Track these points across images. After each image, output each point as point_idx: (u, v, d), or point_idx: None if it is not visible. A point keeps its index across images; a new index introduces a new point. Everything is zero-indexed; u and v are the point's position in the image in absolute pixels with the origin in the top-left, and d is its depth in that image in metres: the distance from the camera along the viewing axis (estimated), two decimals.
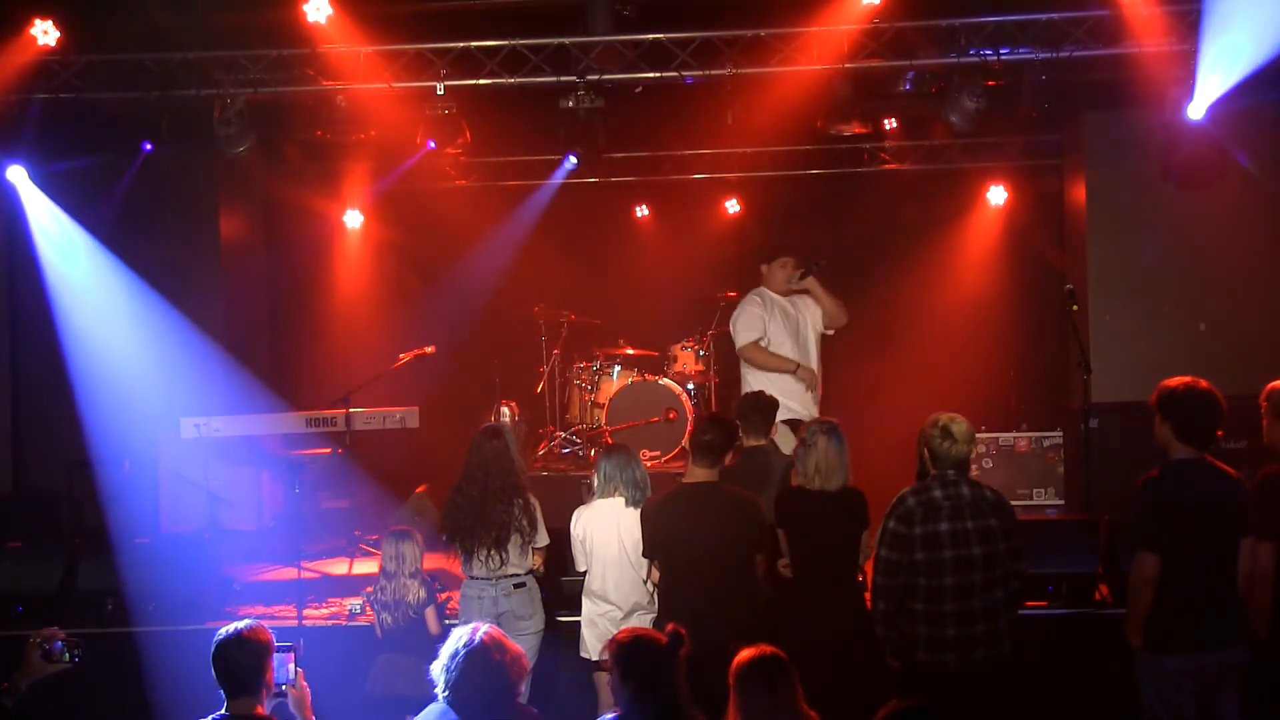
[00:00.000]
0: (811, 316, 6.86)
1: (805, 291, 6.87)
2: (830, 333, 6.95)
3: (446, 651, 3.62)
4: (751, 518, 4.85)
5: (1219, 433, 4.43)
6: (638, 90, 7.79)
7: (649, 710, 3.54)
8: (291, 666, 3.94)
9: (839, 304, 6.86)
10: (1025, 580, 4.59)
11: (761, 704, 3.51)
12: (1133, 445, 5.32)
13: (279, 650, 3.86)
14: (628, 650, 3.62)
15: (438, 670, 3.61)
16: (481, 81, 7.53)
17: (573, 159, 7.91)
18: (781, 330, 6.79)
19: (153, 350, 7.73)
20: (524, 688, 5.15)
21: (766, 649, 3.61)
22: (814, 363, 6.84)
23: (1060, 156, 9.73)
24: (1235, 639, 4.34)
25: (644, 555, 4.98)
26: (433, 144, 7.86)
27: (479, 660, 3.55)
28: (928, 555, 4.38)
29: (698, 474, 4.92)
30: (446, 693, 3.58)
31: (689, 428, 8.87)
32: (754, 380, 6.69)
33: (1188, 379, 4.44)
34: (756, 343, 6.74)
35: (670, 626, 3.73)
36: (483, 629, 3.65)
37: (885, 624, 4.52)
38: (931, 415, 4.56)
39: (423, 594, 5.26)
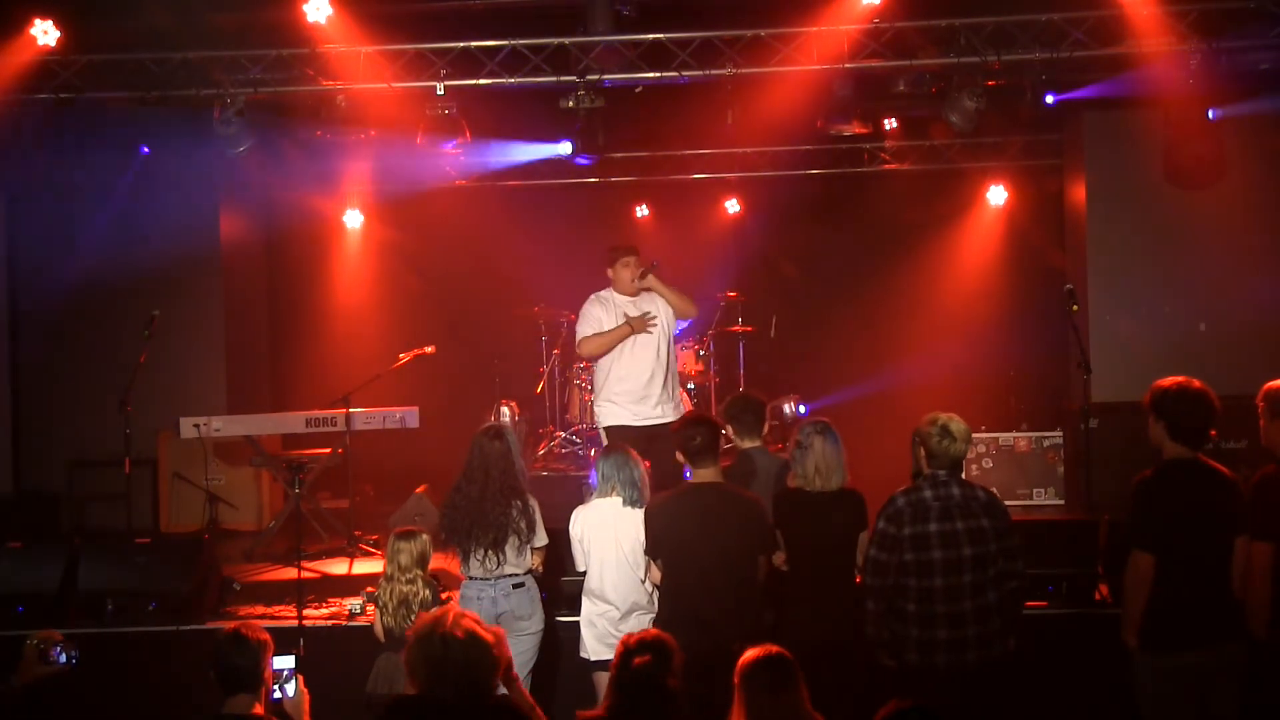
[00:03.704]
0: (663, 315, 6.75)
1: (649, 289, 6.74)
2: (685, 323, 6.92)
3: None
4: (755, 518, 4.85)
5: (1212, 432, 4.43)
6: (638, 90, 7.79)
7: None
8: (291, 685, 3.94)
9: (683, 296, 6.74)
10: (1025, 580, 4.58)
11: (767, 704, 3.50)
12: (1133, 445, 5.31)
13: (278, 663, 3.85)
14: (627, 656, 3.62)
15: None
16: (481, 81, 7.52)
17: (568, 146, 7.88)
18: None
19: (153, 350, 7.71)
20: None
21: (772, 649, 3.60)
22: (660, 359, 6.70)
23: (1060, 156, 9.74)
24: (1231, 637, 4.34)
25: (647, 554, 4.98)
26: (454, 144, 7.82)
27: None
28: (917, 556, 4.38)
29: (701, 475, 4.91)
30: None
31: None
32: (600, 397, 6.74)
33: (1180, 379, 4.44)
34: (590, 336, 6.67)
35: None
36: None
37: (876, 624, 4.51)
38: (928, 414, 4.55)
39: (427, 595, 5.24)
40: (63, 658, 4.22)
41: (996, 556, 4.43)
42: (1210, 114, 7.32)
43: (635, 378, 6.66)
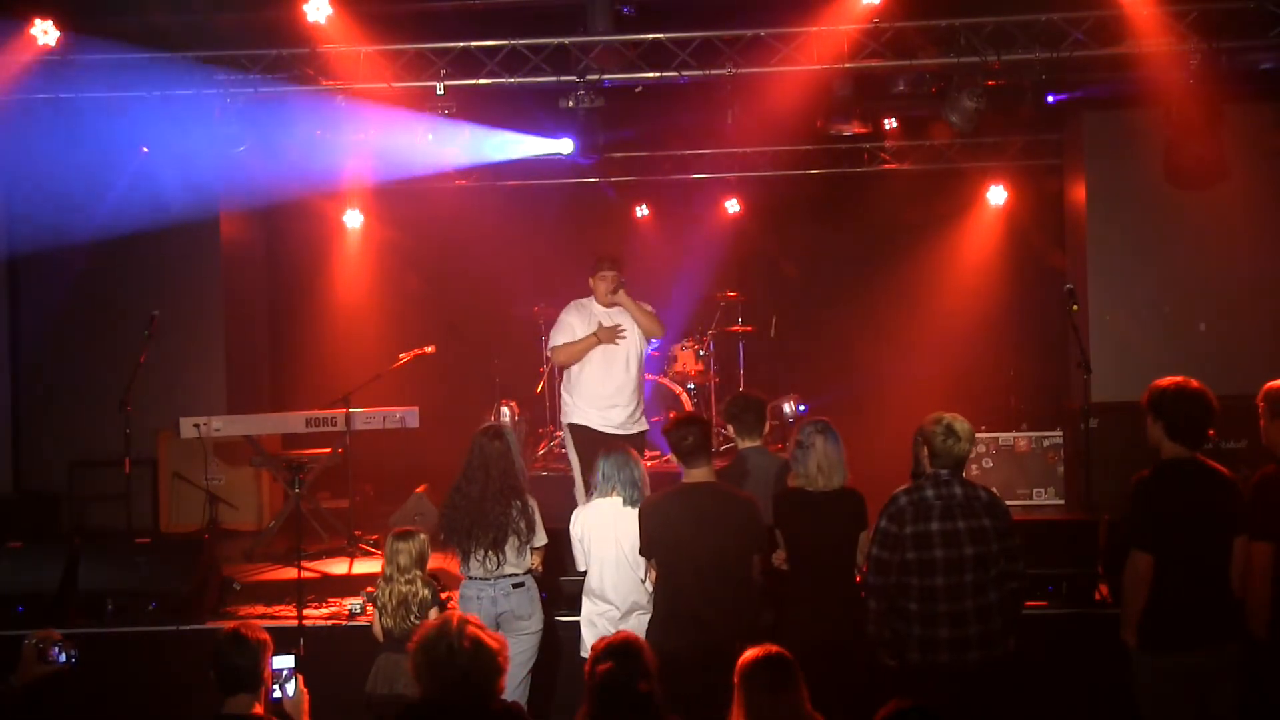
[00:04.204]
0: (635, 331, 6.78)
1: (619, 305, 6.76)
2: (657, 343, 6.85)
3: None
4: (749, 517, 4.84)
5: (1211, 432, 4.43)
6: (638, 90, 7.79)
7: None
8: (291, 685, 3.94)
9: (651, 316, 6.75)
10: (1026, 580, 4.58)
11: (767, 704, 3.50)
12: (1133, 445, 5.32)
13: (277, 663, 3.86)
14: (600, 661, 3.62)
15: None
16: (481, 81, 7.53)
17: (569, 142, 7.89)
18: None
19: (153, 350, 7.72)
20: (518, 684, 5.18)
21: (773, 648, 3.60)
22: (629, 374, 6.74)
23: (1060, 156, 9.74)
24: (1230, 637, 4.34)
25: (641, 554, 4.98)
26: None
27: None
28: (919, 555, 4.39)
29: (694, 474, 4.91)
30: None
31: None
32: (569, 398, 6.78)
33: (1179, 379, 4.45)
34: (562, 344, 6.72)
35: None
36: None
37: (878, 623, 4.52)
38: (932, 414, 4.56)
39: (426, 595, 5.24)
40: (62, 657, 4.21)
41: (998, 556, 4.44)
42: None
43: (602, 386, 6.72)
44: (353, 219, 10.90)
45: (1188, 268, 8.63)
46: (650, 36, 7.43)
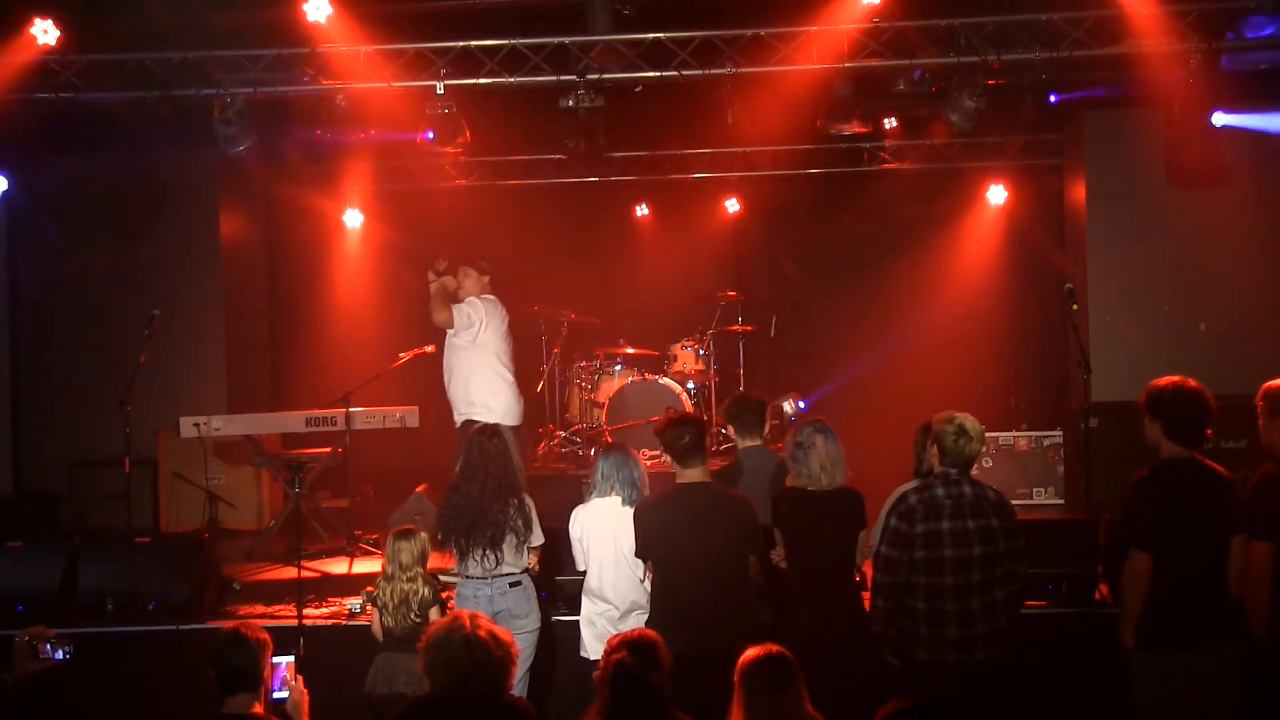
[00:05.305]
0: (459, 320, 7.27)
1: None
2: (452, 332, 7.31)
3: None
4: (744, 517, 4.84)
5: (1209, 431, 4.44)
6: (638, 90, 7.78)
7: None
8: (292, 685, 3.94)
9: (432, 302, 7.31)
10: (1026, 581, 4.59)
11: (767, 703, 3.50)
12: (1133, 445, 5.32)
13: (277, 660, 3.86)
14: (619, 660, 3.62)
15: None
16: (481, 81, 7.52)
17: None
18: None
19: (153, 350, 7.71)
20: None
21: (772, 648, 3.60)
22: (447, 366, 7.25)
23: (1060, 156, 9.74)
24: (1228, 637, 4.35)
25: (637, 555, 4.98)
26: (431, 134, 7.83)
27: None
28: (928, 553, 4.39)
29: (688, 475, 4.91)
30: None
31: None
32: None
33: (1176, 378, 4.46)
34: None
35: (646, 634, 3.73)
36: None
37: (884, 622, 4.51)
38: (943, 413, 4.55)
39: (426, 593, 5.24)
40: (58, 654, 4.22)
41: (1004, 556, 4.44)
42: (1214, 120, 7.31)
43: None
44: (353, 219, 10.90)
45: (1188, 268, 8.63)
46: (650, 36, 7.42)
